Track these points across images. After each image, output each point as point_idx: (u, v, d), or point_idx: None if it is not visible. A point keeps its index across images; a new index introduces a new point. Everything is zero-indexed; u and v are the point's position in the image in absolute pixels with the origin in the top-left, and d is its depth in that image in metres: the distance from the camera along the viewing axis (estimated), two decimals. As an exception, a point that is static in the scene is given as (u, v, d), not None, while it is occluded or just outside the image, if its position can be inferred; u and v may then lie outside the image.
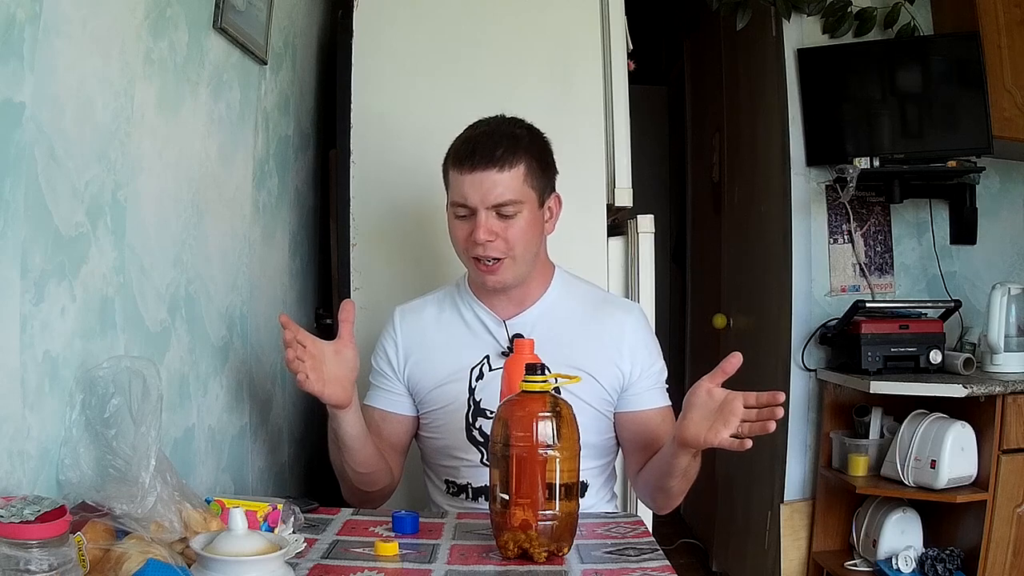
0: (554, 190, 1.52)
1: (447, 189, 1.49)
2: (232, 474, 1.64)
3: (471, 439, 1.49)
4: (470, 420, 1.49)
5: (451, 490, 1.53)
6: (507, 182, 1.41)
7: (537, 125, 1.69)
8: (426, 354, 1.53)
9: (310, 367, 1.33)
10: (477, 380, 1.49)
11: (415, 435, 1.60)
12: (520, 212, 1.42)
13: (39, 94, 1.01)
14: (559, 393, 1.39)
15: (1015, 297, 2.49)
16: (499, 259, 1.43)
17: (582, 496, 1.48)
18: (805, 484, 2.78)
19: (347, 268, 1.90)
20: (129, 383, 1.08)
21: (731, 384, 1.35)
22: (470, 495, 1.51)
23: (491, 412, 1.47)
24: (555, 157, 1.56)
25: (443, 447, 1.53)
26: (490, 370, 1.49)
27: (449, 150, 1.48)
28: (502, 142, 1.42)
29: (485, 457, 1.47)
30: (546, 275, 1.54)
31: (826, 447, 2.69)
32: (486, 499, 1.46)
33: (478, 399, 1.49)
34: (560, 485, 1.12)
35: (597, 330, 1.51)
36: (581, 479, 1.45)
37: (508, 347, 1.49)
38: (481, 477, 1.48)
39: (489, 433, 1.45)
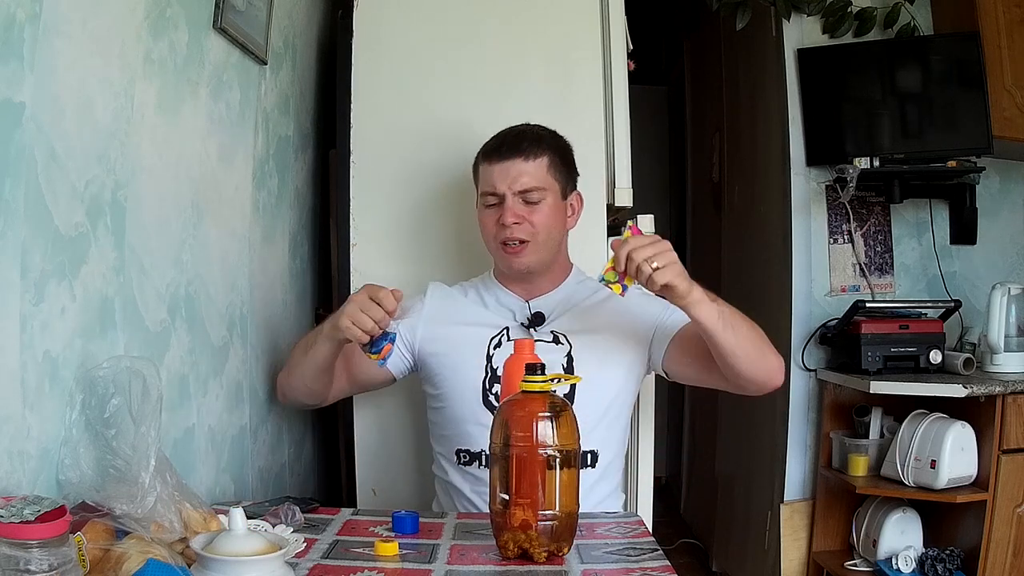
0: (576, 189, 1.65)
1: (477, 185, 1.62)
2: (232, 474, 1.64)
3: (487, 403, 1.54)
4: (486, 386, 1.55)
5: (462, 460, 1.56)
6: (532, 171, 1.55)
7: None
8: (447, 325, 1.62)
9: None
10: (495, 348, 1.57)
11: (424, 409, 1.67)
12: (544, 199, 1.55)
13: (39, 94, 1.01)
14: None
15: (1015, 297, 2.49)
16: (524, 242, 1.56)
17: (592, 466, 1.53)
18: (805, 484, 2.78)
19: (347, 268, 1.90)
20: (129, 383, 1.09)
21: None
22: (483, 462, 1.53)
23: None
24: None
25: (457, 416, 1.57)
26: (508, 340, 1.57)
27: (479, 151, 1.62)
28: (528, 136, 1.58)
29: None
30: (565, 269, 1.68)
31: (826, 447, 2.69)
32: None
33: (495, 366, 1.55)
34: (560, 484, 1.12)
35: (612, 304, 1.59)
36: (592, 447, 1.52)
37: (528, 319, 1.59)
38: None
39: None
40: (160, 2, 1.31)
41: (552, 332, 1.57)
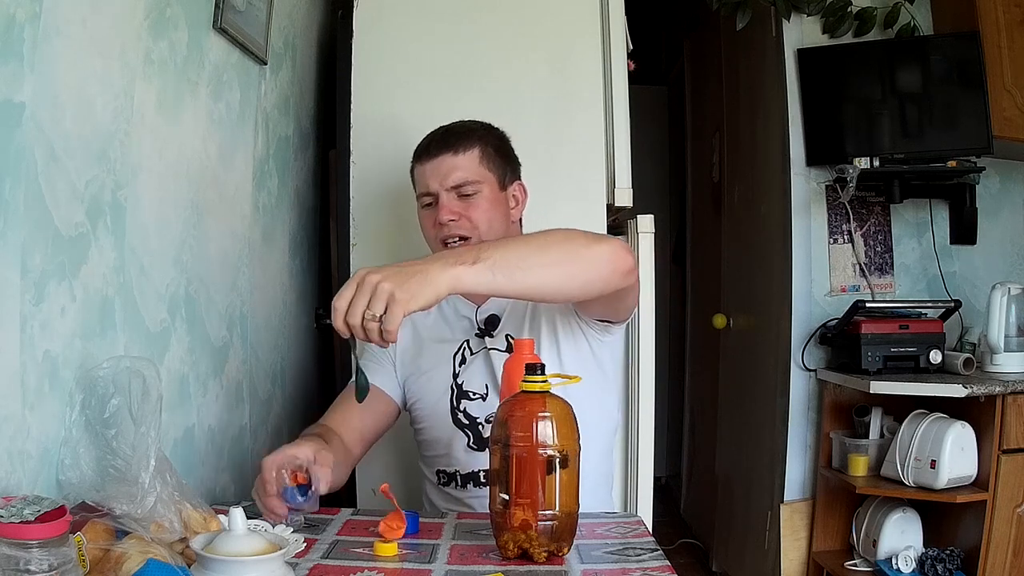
0: (519, 179, 1.58)
1: (415, 190, 1.56)
2: (232, 474, 1.64)
3: (457, 422, 1.52)
4: (454, 404, 1.53)
5: (441, 480, 1.55)
6: (463, 164, 1.48)
7: (537, 125, 1.71)
8: (414, 347, 1.58)
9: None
10: (460, 365, 1.54)
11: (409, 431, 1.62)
12: (480, 192, 1.48)
13: (39, 94, 1.01)
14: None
15: (1015, 297, 2.49)
16: (466, 238, 1.47)
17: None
18: (805, 484, 2.78)
19: (347, 268, 1.90)
20: (129, 383, 1.08)
21: (731, 384, 1.36)
22: (459, 483, 1.52)
23: (474, 394, 1.52)
24: (555, 157, 1.62)
25: (433, 438, 1.56)
26: (471, 354, 1.54)
27: (412, 156, 1.56)
28: (456, 131, 1.52)
29: (472, 441, 1.51)
30: None
31: (826, 447, 2.69)
32: (475, 485, 1.49)
33: (460, 382, 1.53)
34: (560, 484, 1.12)
35: None
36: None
37: (480, 328, 1.54)
38: (469, 463, 1.51)
39: (474, 415, 1.50)
40: (160, 2, 1.31)
41: (507, 338, 1.52)
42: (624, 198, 1.89)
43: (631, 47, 2.06)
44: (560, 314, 1.49)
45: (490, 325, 1.54)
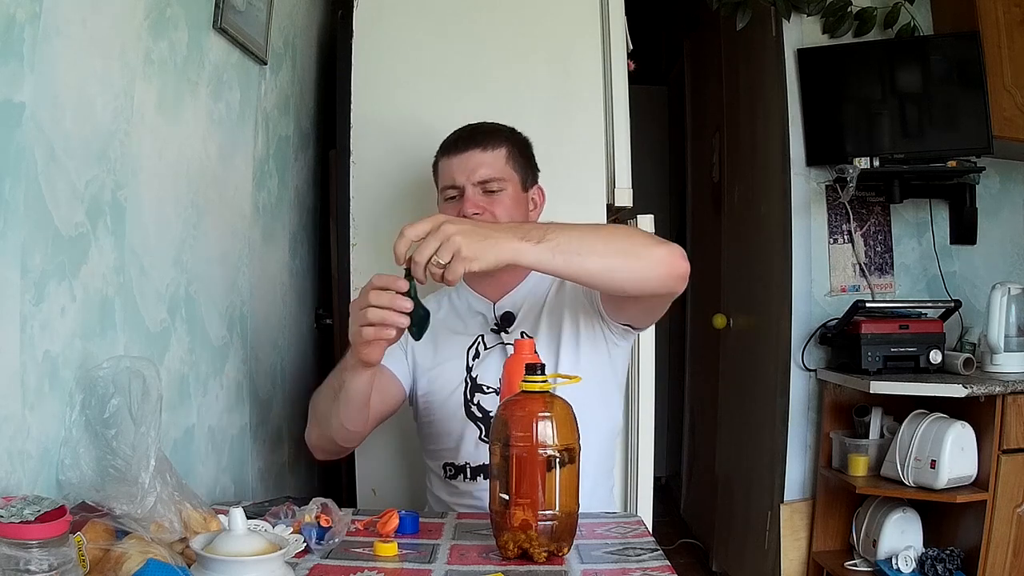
0: (537, 183, 1.62)
1: (437, 182, 1.59)
2: (232, 474, 1.64)
3: (469, 415, 1.53)
4: (468, 396, 1.54)
5: (449, 473, 1.55)
6: (491, 161, 1.53)
7: (537, 125, 1.72)
8: (427, 341, 1.53)
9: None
10: (474, 359, 1.55)
11: (414, 418, 1.63)
12: (504, 189, 1.53)
13: (39, 94, 1.01)
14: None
15: (1015, 297, 2.49)
16: None
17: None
18: (805, 484, 2.78)
19: (347, 268, 1.90)
20: (129, 383, 1.09)
21: (731, 384, 1.36)
22: (468, 475, 1.53)
23: (488, 387, 1.53)
24: (555, 157, 1.65)
25: (443, 430, 1.56)
26: (485, 348, 1.55)
27: (438, 149, 1.60)
28: (484, 129, 1.57)
29: (484, 434, 1.51)
30: None
31: (826, 447, 2.69)
32: (485, 478, 1.49)
33: (475, 375, 1.54)
34: (560, 484, 1.12)
35: (567, 286, 1.54)
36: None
37: (496, 324, 1.56)
38: (480, 455, 1.51)
39: (487, 408, 1.51)
40: (160, 2, 1.31)
41: (522, 334, 1.53)
42: (624, 198, 1.89)
43: (631, 47, 2.06)
44: (584, 315, 1.51)
45: (506, 322, 1.56)
